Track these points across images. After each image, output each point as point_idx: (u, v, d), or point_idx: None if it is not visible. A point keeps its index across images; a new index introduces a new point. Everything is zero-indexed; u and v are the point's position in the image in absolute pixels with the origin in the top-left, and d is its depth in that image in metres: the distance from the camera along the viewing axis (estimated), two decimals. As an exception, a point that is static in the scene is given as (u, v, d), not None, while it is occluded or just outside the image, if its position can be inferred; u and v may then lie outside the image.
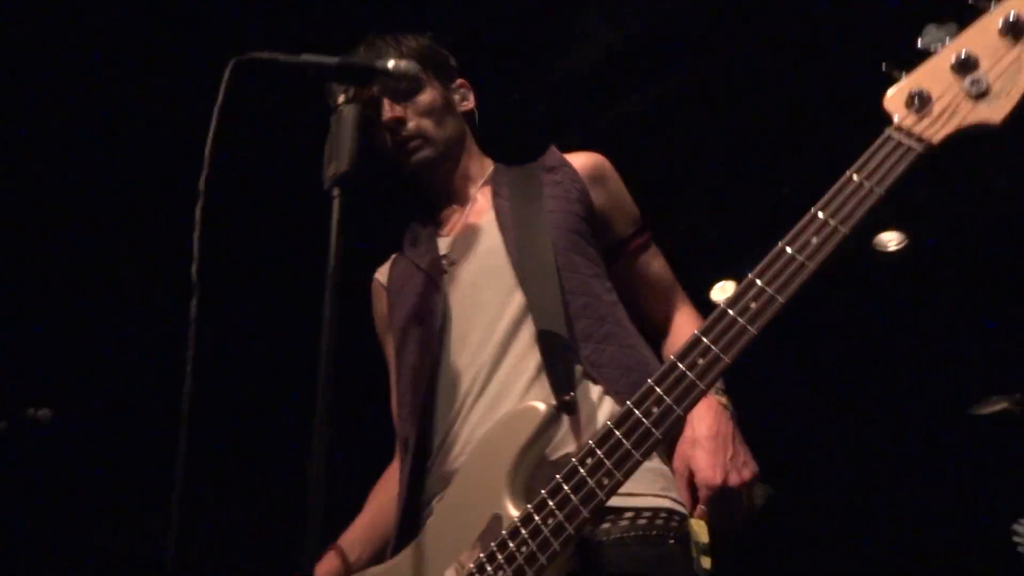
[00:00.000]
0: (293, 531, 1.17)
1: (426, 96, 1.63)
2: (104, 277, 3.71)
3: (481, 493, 1.21)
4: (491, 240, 1.51)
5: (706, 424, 1.30)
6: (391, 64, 1.39)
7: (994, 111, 0.97)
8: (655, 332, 1.62)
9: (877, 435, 4.63)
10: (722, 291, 4.75)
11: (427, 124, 1.62)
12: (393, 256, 1.74)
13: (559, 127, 3.55)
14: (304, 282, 1.33)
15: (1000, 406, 3.65)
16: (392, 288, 1.66)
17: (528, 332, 1.38)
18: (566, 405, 1.25)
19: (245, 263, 3.62)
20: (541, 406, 1.22)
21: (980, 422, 3.80)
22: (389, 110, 1.61)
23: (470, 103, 1.75)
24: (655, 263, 1.64)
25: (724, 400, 1.37)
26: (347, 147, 1.26)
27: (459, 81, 1.75)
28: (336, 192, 1.23)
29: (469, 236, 1.56)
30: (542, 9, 3.36)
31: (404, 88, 1.60)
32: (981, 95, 0.98)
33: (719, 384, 1.37)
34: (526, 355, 1.37)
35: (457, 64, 1.77)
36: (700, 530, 1.23)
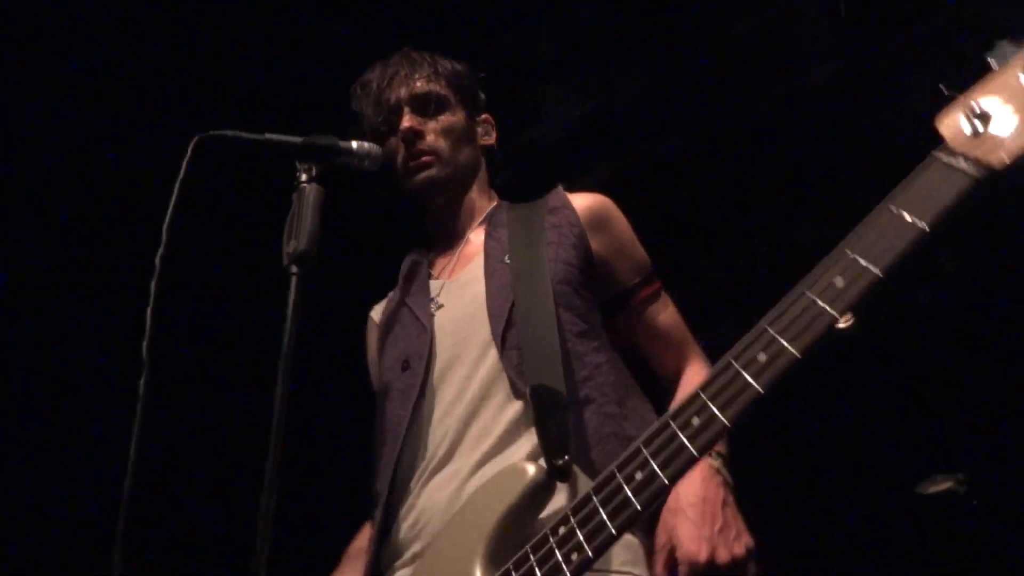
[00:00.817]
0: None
1: (448, 117, 1.63)
2: (52, 350, 3.61)
3: (456, 560, 1.12)
4: (475, 287, 1.46)
5: (692, 489, 1.16)
6: (355, 145, 1.44)
7: None
8: (666, 386, 1.52)
9: (823, 512, 4.66)
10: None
11: (443, 144, 1.60)
12: (389, 295, 1.68)
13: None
14: (264, 359, 1.32)
15: (945, 485, 3.72)
16: (383, 327, 1.60)
17: (503, 391, 1.31)
18: (559, 470, 1.13)
19: (199, 340, 3.57)
20: (531, 467, 1.13)
21: (926, 501, 3.86)
22: (409, 119, 1.59)
23: (491, 139, 1.75)
24: (664, 314, 1.54)
25: (717, 463, 1.24)
26: (307, 226, 1.27)
27: (484, 116, 1.75)
28: (295, 269, 1.24)
29: (458, 280, 1.53)
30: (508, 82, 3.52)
31: (432, 107, 1.60)
32: None
33: (719, 447, 1.24)
34: (498, 416, 1.29)
35: (486, 100, 1.77)
36: None
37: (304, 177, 1.37)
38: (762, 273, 4.44)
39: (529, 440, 1.25)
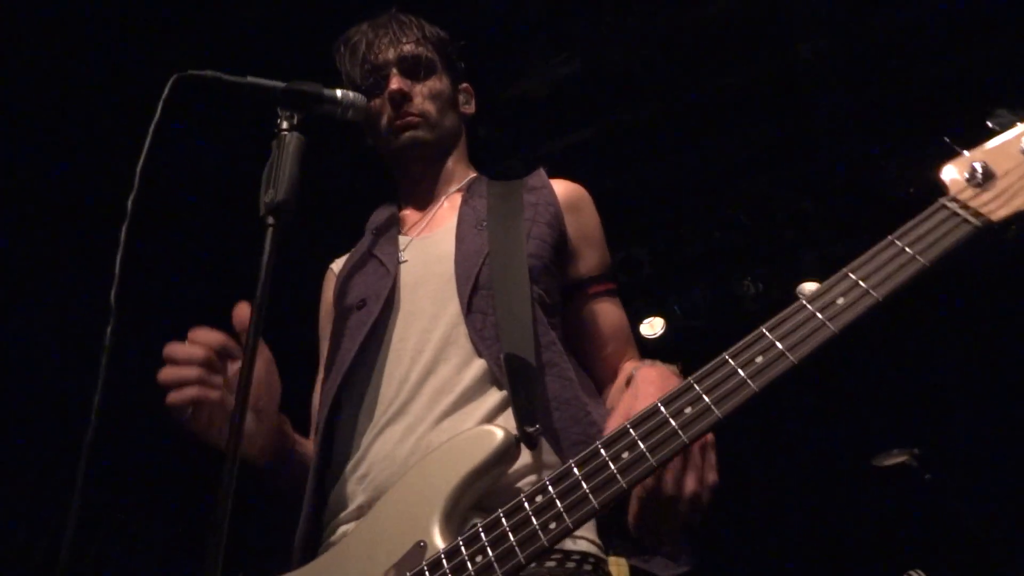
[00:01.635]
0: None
1: (436, 82, 1.61)
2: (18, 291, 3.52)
3: (410, 515, 1.09)
4: (445, 247, 1.44)
5: (656, 386, 1.11)
6: (339, 93, 1.37)
7: None
8: (597, 382, 1.51)
9: (783, 483, 4.80)
10: (651, 327, 4.86)
11: (431, 107, 1.59)
12: (353, 248, 1.65)
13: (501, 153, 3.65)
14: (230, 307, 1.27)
15: (900, 459, 3.84)
16: (342, 275, 1.57)
17: (463, 351, 1.30)
18: (528, 437, 1.12)
19: (169, 288, 3.50)
20: (499, 432, 1.09)
21: (880, 473, 3.98)
22: (398, 82, 1.56)
23: (471, 108, 1.73)
24: (614, 314, 1.54)
25: (676, 369, 1.24)
26: (287, 176, 1.22)
27: (464, 85, 1.73)
28: (271, 220, 1.19)
29: (427, 239, 1.51)
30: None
31: (421, 70, 1.58)
32: None
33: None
34: (458, 376, 1.28)
35: (464, 69, 1.75)
36: (619, 571, 1.15)
37: (285, 125, 1.30)
38: (739, 242, 4.49)
39: (488, 401, 1.25)
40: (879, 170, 3.89)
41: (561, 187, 1.56)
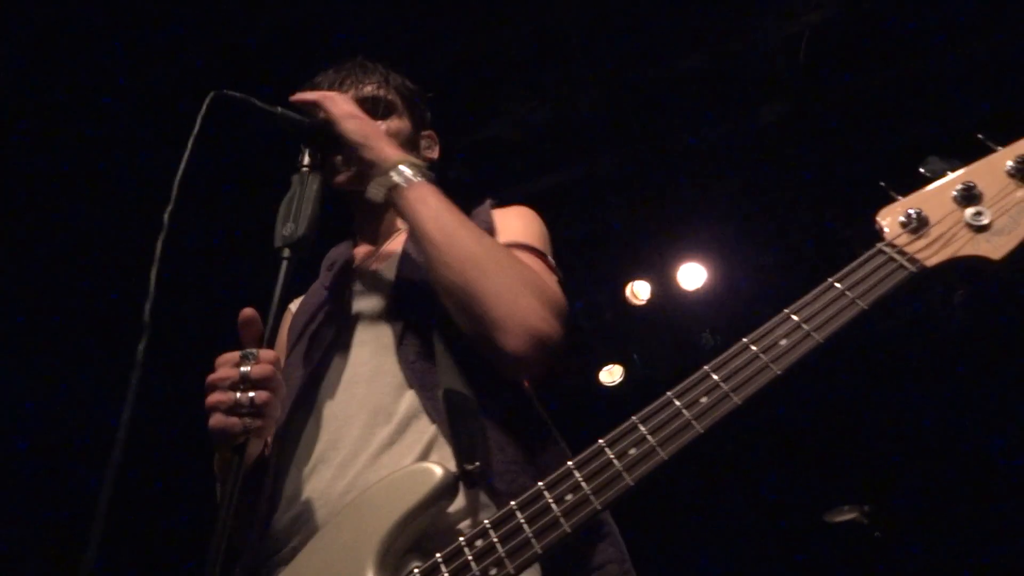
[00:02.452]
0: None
1: (395, 122, 1.61)
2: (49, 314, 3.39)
3: (343, 559, 1.03)
4: (387, 277, 1.44)
5: None
6: None
7: (995, 247, 0.95)
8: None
9: (735, 537, 4.82)
10: (610, 374, 4.85)
11: None
12: (312, 286, 1.64)
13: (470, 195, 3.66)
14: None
15: (850, 515, 3.92)
16: (298, 310, 1.57)
17: (396, 383, 1.27)
18: (468, 475, 1.09)
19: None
20: (438, 470, 1.05)
21: (832, 529, 4.05)
22: None
23: (433, 153, 1.73)
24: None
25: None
26: (308, 213, 1.22)
27: (428, 132, 1.74)
28: (287, 253, 1.20)
29: (373, 272, 1.50)
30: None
31: (380, 109, 1.59)
32: (982, 228, 0.96)
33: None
34: (392, 408, 1.25)
35: (430, 118, 1.77)
36: None
37: (307, 160, 1.32)
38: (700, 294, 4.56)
39: (424, 436, 1.21)
40: (839, 230, 4.04)
41: (500, 213, 1.54)
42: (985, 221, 0.97)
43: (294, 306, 1.64)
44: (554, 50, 3.66)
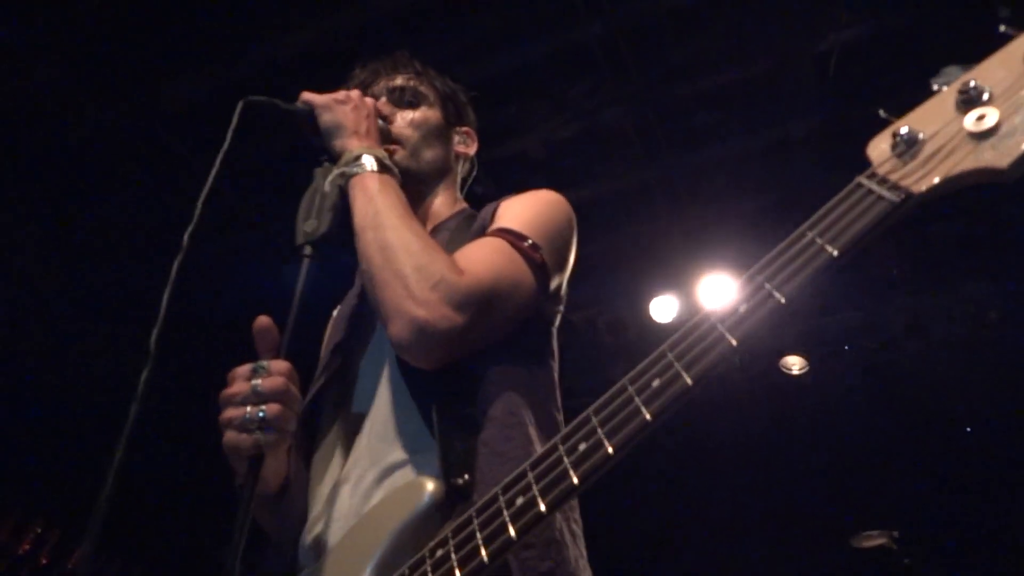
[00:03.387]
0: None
1: (424, 111, 1.57)
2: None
3: (347, 570, 1.06)
4: None
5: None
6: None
7: (1001, 154, 0.74)
8: None
9: (763, 561, 4.72)
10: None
11: (411, 134, 1.53)
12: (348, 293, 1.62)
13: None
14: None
15: (879, 541, 3.81)
16: (334, 322, 1.56)
17: (402, 395, 1.25)
18: (456, 489, 1.07)
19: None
20: (429, 484, 1.07)
21: (859, 555, 3.95)
22: (381, 104, 1.52)
23: (467, 149, 1.67)
24: (485, 244, 1.37)
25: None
26: (331, 208, 1.20)
27: (465, 128, 1.69)
28: (308, 251, 1.16)
29: None
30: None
31: (406, 98, 1.57)
32: (986, 134, 0.76)
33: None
34: (403, 426, 1.24)
35: (474, 118, 1.73)
36: None
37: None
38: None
39: (430, 454, 1.18)
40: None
41: (512, 198, 1.43)
42: (990, 124, 0.75)
43: (336, 313, 1.60)
44: (580, 67, 3.72)
